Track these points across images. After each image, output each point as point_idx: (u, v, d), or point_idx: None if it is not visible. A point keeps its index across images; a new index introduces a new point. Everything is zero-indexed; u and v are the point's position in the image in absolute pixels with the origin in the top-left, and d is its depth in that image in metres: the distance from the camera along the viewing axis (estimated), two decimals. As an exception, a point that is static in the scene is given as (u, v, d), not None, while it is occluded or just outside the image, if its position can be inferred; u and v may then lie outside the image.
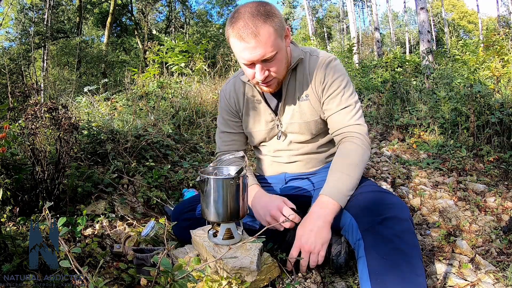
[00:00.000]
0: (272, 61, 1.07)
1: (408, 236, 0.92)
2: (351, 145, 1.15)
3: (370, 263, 0.90)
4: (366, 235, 0.95)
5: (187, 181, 2.04)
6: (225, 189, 1.03)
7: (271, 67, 1.09)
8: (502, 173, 2.28)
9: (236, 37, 1.03)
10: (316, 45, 8.60)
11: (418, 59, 7.44)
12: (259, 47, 1.02)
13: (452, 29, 22.49)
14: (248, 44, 1.01)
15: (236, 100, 1.33)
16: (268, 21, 1.02)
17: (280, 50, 1.07)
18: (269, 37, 1.02)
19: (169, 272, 0.73)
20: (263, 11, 1.03)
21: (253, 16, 1.01)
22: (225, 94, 1.36)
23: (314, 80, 1.21)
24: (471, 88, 3.18)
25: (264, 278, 1.06)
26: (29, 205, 1.37)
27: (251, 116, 1.31)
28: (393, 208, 0.98)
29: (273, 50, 1.04)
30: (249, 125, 1.33)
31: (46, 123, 1.41)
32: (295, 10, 29.87)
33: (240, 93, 1.32)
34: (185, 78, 4.68)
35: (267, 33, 1.02)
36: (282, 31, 1.08)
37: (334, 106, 1.19)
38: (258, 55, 1.03)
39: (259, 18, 1.01)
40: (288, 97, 1.24)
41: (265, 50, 1.03)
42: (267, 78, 1.11)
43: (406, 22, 24.30)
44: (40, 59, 10.74)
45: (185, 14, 18.25)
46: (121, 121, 2.60)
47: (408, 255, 0.88)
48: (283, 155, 1.32)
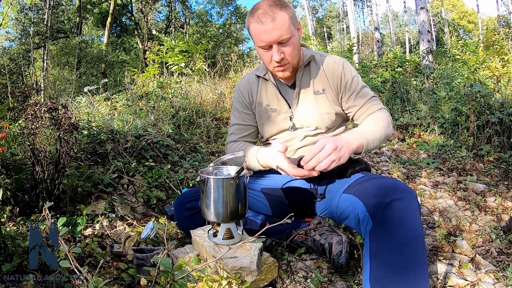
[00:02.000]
0: (287, 45, 1.18)
1: (414, 221, 0.92)
2: (380, 113, 1.28)
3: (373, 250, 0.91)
4: (374, 217, 0.95)
5: (187, 181, 2.04)
6: (225, 189, 1.03)
7: (286, 50, 1.19)
8: (502, 173, 2.28)
9: (256, 22, 1.16)
10: (316, 45, 8.60)
11: (418, 59, 7.43)
12: (276, 29, 1.14)
13: (452, 29, 22.48)
14: (266, 26, 1.14)
15: (250, 92, 1.41)
16: (283, 9, 1.16)
17: (293, 36, 1.18)
18: (284, 22, 1.14)
19: (169, 272, 0.73)
20: (279, 2, 1.17)
21: (271, 5, 1.16)
22: (239, 86, 1.45)
23: (332, 77, 1.30)
24: (471, 88, 3.18)
25: (264, 278, 1.06)
26: (29, 205, 1.37)
27: (264, 106, 1.37)
28: (401, 191, 0.98)
29: (288, 33, 1.15)
30: (262, 116, 1.38)
31: (46, 123, 1.41)
32: (295, 10, 29.85)
33: (254, 85, 1.40)
34: (185, 78, 4.68)
35: (283, 18, 1.14)
36: (295, 20, 1.21)
37: (361, 101, 1.29)
38: (275, 36, 1.14)
39: (276, 6, 1.16)
40: (302, 91, 1.31)
41: (281, 32, 1.14)
42: (282, 60, 1.20)
43: (406, 22, 24.27)
44: (40, 59, 10.74)
45: (185, 14, 18.24)
46: (121, 121, 2.60)
47: (414, 241, 0.89)
48: (293, 144, 1.36)
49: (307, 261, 1.28)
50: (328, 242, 1.20)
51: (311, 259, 1.29)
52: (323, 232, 1.26)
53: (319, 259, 1.28)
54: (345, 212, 1.10)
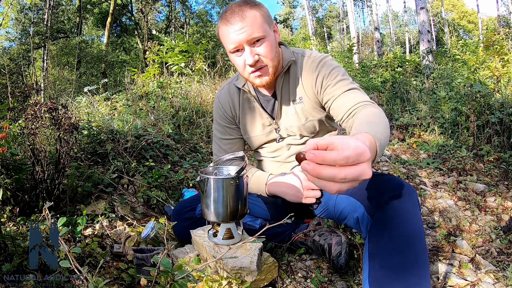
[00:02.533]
0: (261, 45, 1.07)
1: (414, 217, 0.89)
2: (373, 109, 1.00)
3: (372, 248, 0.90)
4: (373, 216, 0.92)
5: (187, 181, 2.04)
6: (225, 189, 1.03)
7: (260, 51, 1.07)
8: (502, 173, 2.28)
9: (224, 24, 1.07)
10: (316, 45, 8.60)
11: (418, 59, 7.43)
12: (246, 27, 1.04)
13: (452, 29, 22.48)
14: (235, 26, 1.04)
15: (232, 106, 1.31)
16: (254, 7, 1.07)
17: (268, 36, 1.07)
18: (255, 19, 1.05)
19: (169, 272, 0.73)
20: (249, 2, 1.08)
21: (240, 5, 1.07)
22: (220, 100, 1.33)
23: (306, 81, 1.17)
24: (471, 88, 3.18)
25: (264, 278, 1.06)
26: (29, 205, 1.37)
27: (248, 121, 1.29)
28: (399, 188, 0.94)
29: (260, 31, 1.05)
30: (247, 130, 1.31)
31: (46, 123, 1.41)
32: (295, 10, 29.88)
33: (235, 99, 1.30)
34: (185, 78, 4.68)
35: (253, 15, 1.05)
36: (270, 20, 1.11)
37: (337, 92, 1.11)
38: (245, 34, 1.04)
39: (245, 5, 1.07)
40: (283, 101, 1.21)
41: (252, 29, 1.04)
42: (258, 63, 1.08)
43: (406, 22, 24.25)
44: (40, 59, 10.73)
45: (185, 14, 18.25)
46: (121, 121, 2.60)
47: (414, 241, 0.87)
48: (282, 153, 1.31)
49: (307, 261, 1.28)
50: (327, 243, 1.20)
51: (311, 259, 1.29)
52: (323, 232, 1.26)
53: (319, 259, 1.29)
54: (344, 213, 1.08)
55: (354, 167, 0.55)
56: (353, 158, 0.55)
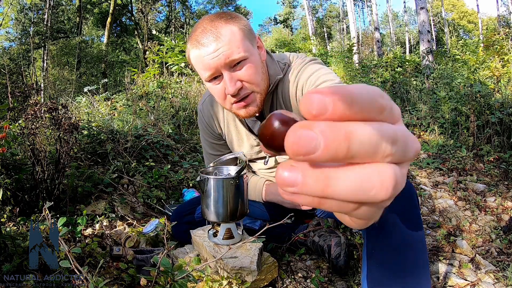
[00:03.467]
0: (243, 68, 0.87)
1: (413, 216, 0.88)
2: None
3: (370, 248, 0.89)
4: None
5: (187, 181, 2.04)
6: (225, 189, 1.03)
7: (242, 75, 0.87)
8: (502, 173, 2.28)
9: (193, 46, 0.86)
10: (316, 45, 8.60)
11: (418, 59, 7.44)
12: (222, 47, 0.84)
13: (452, 29, 22.49)
14: (208, 48, 0.84)
15: (217, 124, 1.18)
16: (230, 22, 0.87)
17: (251, 56, 0.88)
18: (233, 36, 0.85)
19: (169, 272, 0.73)
20: (223, 15, 0.88)
21: (212, 20, 0.87)
22: (203, 116, 1.19)
23: (292, 96, 1.02)
24: (471, 88, 3.18)
25: (264, 278, 1.06)
26: (29, 205, 1.37)
27: (234, 140, 1.18)
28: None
29: (240, 51, 0.85)
30: (234, 148, 1.20)
31: (46, 123, 1.41)
32: (295, 10, 29.89)
33: (219, 114, 1.16)
34: (185, 78, 4.68)
35: (230, 32, 0.85)
36: (251, 35, 0.92)
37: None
38: (222, 56, 0.84)
39: (218, 20, 0.86)
40: None
41: (230, 50, 0.84)
42: (240, 91, 0.89)
43: (406, 22, 24.25)
44: (40, 59, 10.74)
45: (185, 14, 18.26)
46: (121, 121, 2.60)
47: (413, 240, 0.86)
48: (272, 173, 1.26)
49: (307, 261, 1.28)
50: (327, 244, 1.20)
51: (311, 259, 1.29)
52: (322, 233, 1.26)
53: (319, 259, 1.29)
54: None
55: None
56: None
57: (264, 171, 1.26)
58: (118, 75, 10.32)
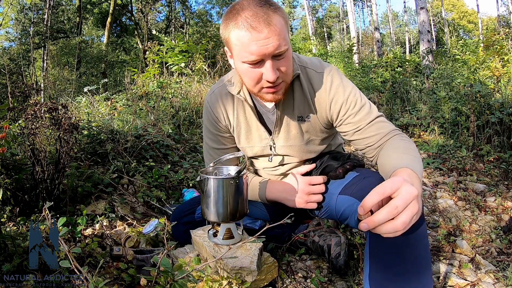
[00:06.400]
0: (283, 59, 0.92)
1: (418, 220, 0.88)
2: (402, 141, 0.97)
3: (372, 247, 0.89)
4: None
5: (187, 181, 2.04)
6: (225, 189, 1.03)
7: (282, 65, 0.92)
8: (502, 173, 2.28)
9: (244, 27, 0.86)
10: (316, 45, 8.60)
11: (418, 59, 7.44)
12: (273, 37, 0.86)
13: (452, 29, 22.48)
14: (260, 34, 0.85)
15: (225, 115, 1.17)
16: (278, 11, 0.89)
17: (289, 48, 0.93)
18: (281, 27, 0.88)
19: (169, 272, 0.73)
20: (270, 3, 0.90)
21: (261, 5, 0.88)
22: (211, 106, 1.18)
23: (319, 99, 1.06)
24: (471, 88, 3.18)
25: (264, 278, 1.06)
26: (29, 205, 1.37)
27: (243, 131, 1.17)
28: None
29: (286, 44, 0.89)
30: (241, 141, 1.19)
31: (46, 123, 1.41)
32: (295, 10, 29.88)
33: (228, 106, 1.16)
34: (185, 78, 4.68)
35: (279, 23, 0.87)
36: (288, 28, 0.96)
37: (362, 123, 1.04)
38: (272, 46, 0.86)
39: (268, 7, 0.88)
40: (284, 116, 1.10)
41: (279, 41, 0.87)
42: (277, 79, 0.93)
43: (406, 22, 24.26)
44: (40, 59, 10.75)
45: (185, 14, 18.26)
46: (121, 121, 2.60)
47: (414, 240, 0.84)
48: (278, 168, 1.25)
49: (307, 261, 1.28)
50: (326, 244, 1.20)
51: (311, 259, 1.29)
52: (322, 233, 1.26)
53: (319, 259, 1.29)
54: (345, 214, 1.06)
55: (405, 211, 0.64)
56: (402, 205, 0.64)
57: (268, 170, 1.25)
58: (118, 75, 10.32)
